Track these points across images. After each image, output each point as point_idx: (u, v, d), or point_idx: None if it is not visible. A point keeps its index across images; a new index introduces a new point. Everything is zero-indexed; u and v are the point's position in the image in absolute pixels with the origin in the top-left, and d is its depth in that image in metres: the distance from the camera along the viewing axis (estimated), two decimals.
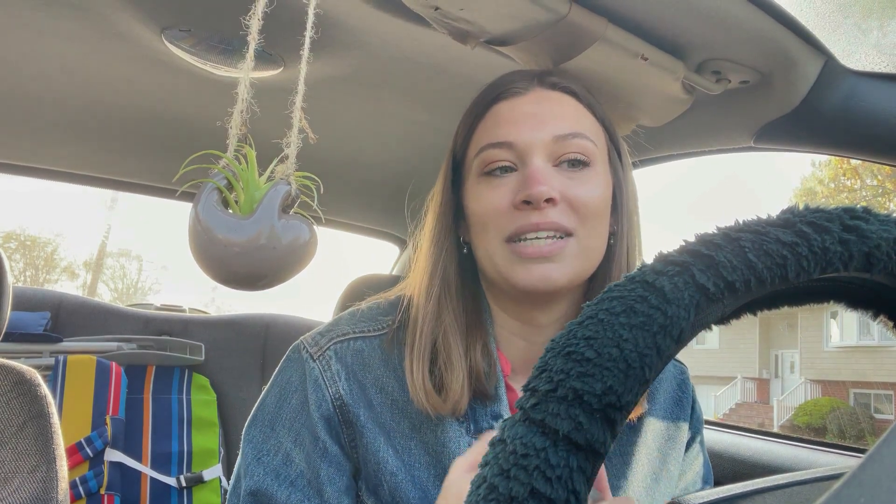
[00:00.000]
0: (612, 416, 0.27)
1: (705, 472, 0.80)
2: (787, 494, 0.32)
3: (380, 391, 0.66)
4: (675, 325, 0.28)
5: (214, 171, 0.63)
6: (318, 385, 0.66)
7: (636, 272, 0.31)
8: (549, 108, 0.67)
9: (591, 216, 0.65)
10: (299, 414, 0.66)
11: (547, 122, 0.66)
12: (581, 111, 0.69)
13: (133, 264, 22.60)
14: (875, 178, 14.52)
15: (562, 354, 0.28)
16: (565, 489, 0.25)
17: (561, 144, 0.65)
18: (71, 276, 19.80)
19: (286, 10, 0.71)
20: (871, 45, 0.83)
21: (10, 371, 0.94)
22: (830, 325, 15.12)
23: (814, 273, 0.30)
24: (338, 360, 0.67)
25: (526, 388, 0.29)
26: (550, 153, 0.65)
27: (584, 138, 0.66)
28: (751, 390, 16.54)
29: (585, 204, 0.65)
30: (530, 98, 0.68)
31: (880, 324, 0.38)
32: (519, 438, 0.27)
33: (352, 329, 0.69)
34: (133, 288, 21.49)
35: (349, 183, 1.59)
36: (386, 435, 0.65)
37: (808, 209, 0.32)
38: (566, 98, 0.69)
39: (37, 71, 1.10)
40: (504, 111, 0.68)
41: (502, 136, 0.66)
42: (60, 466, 0.92)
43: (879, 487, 0.17)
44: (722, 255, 0.30)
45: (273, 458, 0.65)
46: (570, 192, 0.64)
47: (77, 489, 1.38)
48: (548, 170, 0.65)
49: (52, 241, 20.49)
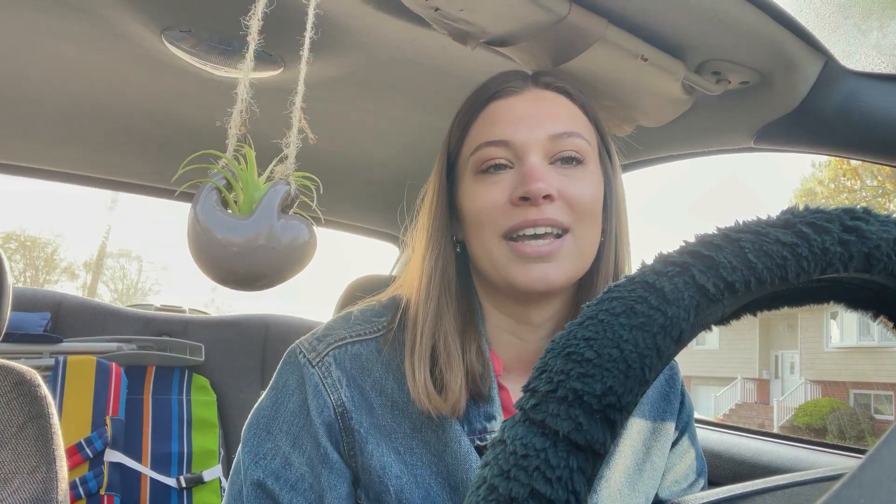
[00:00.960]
0: (612, 416, 0.27)
1: (699, 466, 0.80)
2: (788, 495, 0.32)
3: (380, 394, 0.66)
4: (675, 326, 0.28)
5: (214, 172, 0.63)
6: (319, 391, 0.66)
7: (636, 272, 0.31)
8: (544, 107, 0.68)
9: (586, 213, 0.66)
10: (297, 417, 0.66)
11: (543, 121, 0.67)
12: (575, 111, 0.70)
13: (133, 265, 22.63)
14: (875, 179, 14.52)
15: (562, 355, 0.28)
16: (565, 490, 0.25)
17: (557, 143, 0.66)
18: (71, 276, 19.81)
19: (286, 10, 0.71)
20: (871, 46, 0.83)
21: (10, 372, 0.94)
22: (830, 325, 15.12)
23: (814, 274, 0.30)
24: (338, 367, 0.67)
25: (526, 388, 0.29)
26: (546, 151, 0.67)
27: (578, 137, 0.67)
28: (751, 391, 16.54)
29: (581, 201, 0.66)
30: (526, 97, 0.69)
31: (880, 324, 0.38)
32: (519, 439, 0.27)
33: (348, 333, 0.69)
34: (133, 288, 21.50)
35: (349, 183, 1.59)
36: (388, 438, 0.65)
37: (807, 210, 0.32)
38: (561, 98, 0.70)
39: (37, 72, 1.10)
40: (500, 110, 0.69)
41: (499, 134, 0.67)
42: (60, 467, 0.92)
43: (879, 488, 0.17)
44: (722, 256, 0.29)
45: (271, 461, 0.65)
46: (566, 189, 0.65)
47: (77, 490, 1.38)
48: (544, 167, 0.66)
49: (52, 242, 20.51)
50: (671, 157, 1.15)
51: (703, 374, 17.05)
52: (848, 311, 0.38)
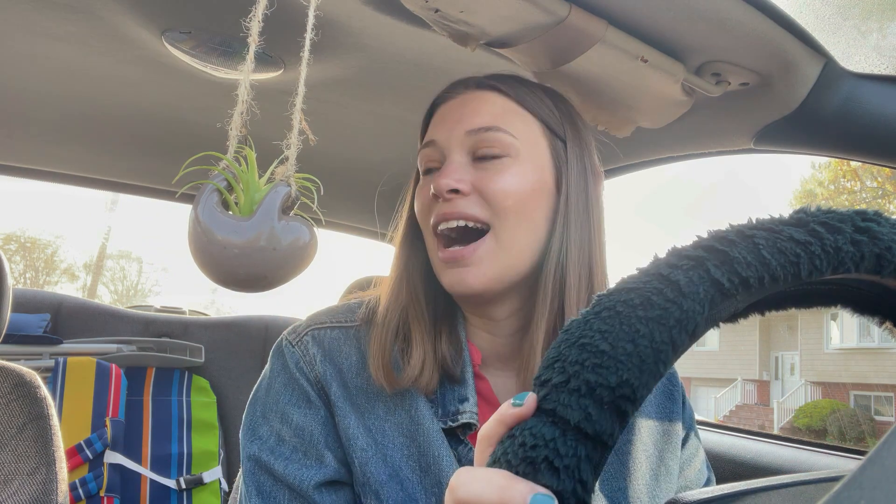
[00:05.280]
0: (623, 407, 0.27)
1: (707, 470, 0.80)
2: (788, 495, 0.32)
3: (355, 375, 0.68)
4: (691, 320, 0.28)
5: (214, 173, 0.63)
6: (301, 367, 0.68)
7: (650, 265, 0.31)
8: (468, 106, 0.70)
9: (508, 208, 0.66)
10: (282, 395, 0.69)
11: (463, 119, 0.69)
12: (504, 106, 0.69)
13: (133, 266, 22.61)
14: (875, 181, 14.52)
15: (576, 346, 0.28)
16: (572, 478, 0.26)
17: (474, 139, 0.67)
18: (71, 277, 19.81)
19: (286, 12, 0.71)
20: (871, 47, 0.83)
21: (9, 373, 0.94)
22: (831, 326, 15.12)
23: (826, 272, 0.30)
24: (314, 344, 0.70)
25: (536, 379, 0.29)
26: (467, 148, 0.68)
27: (499, 131, 0.67)
28: (751, 392, 16.53)
29: (498, 195, 0.66)
30: (457, 100, 0.71)
31: (885, 330, 0.38)
32: (529, 429, 0.27)
33: (328, 319, 0.72)
34: (133, 290, 21.50)
35: (350, 185, 1.59)
36: (359, 415, 0.66)
37: (820, 210, 0.32)
38: (489, 94, 0.70)
39: (38, 73, 1.10)
40: (436, 114, 0.73)
41: (430, 135, 0.72)
42: (60, 468, 0.92)
43: (879, 489, 0.17)
44: (736, 252, 0.29)
45: (266, 440, 0.67)
46: (481, 183, 0.66)
47: (77, 491, 1.38)
48: (461, 163, 0.68)
49: (53, 243, 20.49)
50: (671, 158, 1.15)
51: (704, 375, 17.05)
52: (854, 316, 0.38)
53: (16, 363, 0.97)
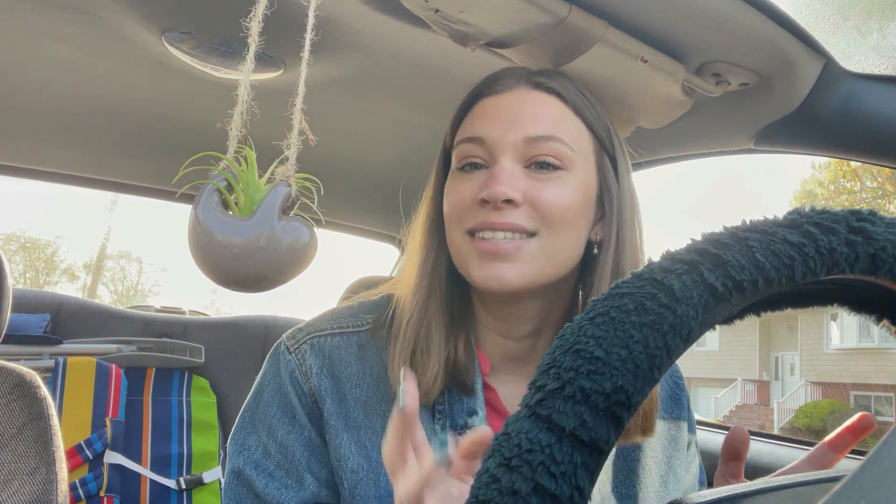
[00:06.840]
0: (619, 413, 0.27)
1: (700, 474, 0.80)
2: (789, 495, 0.32)
3: (354, 387, 0.67)
4: (685, 325, 0.28)
5: (214, 173, 0.63)
6: (295, 378, 0.67)
7: (643, 269, 0.30)
8: (526, 107, 0.66)
9: (556, 220, 0.64)
10: (270, 406, 0.68)
11: (521, 121, 0.65)
12: (562, 113, 0.67)
13: (133, 266, 22.61)
14: (875, 181, 14.52)
15: (570, 352, 0.28)
16: (569, 485, 0.25)
17: (532, 146, 0.64)
18: (71, 277, 19.81)
19: (286, 12, 0.71)
20: (871, 47, 0.83)
21: (9, 373, 0.94)
22: (831, 327, 15.11)
23: (820, 274, 0.30)
24: (312, 354, 0.68)
25: (532, 385, 0.29)
26: (521, 154, 0.65)
27: (557, 142, 0.64)
28: (751, 392, 16.53)
29: (550, 208, 0.63)
30: (511, 96, 0.67)
31: (883, 328, 0.37)
32: (525, 433, 0.27)
33: (329, 325, 0.70)
34: (133, 290, 21.51)
35: (349, 185, 1.59)
36: (354, 432, 0.65)
37: (814, 210, 0.32)
38: (548, 98, 0.67)
39: (38, 73, 1.10)
40: (484, 107, 0.68)
41: (476, 130, 0.67)
42: (60, 468, 0.91)
43: (879, 489, 0.17)
44: (730, 255, 0.29)
45: (253, 452, 0.67)
46: (535, 194, 0.63)
47: (77, 491, 1.37)
48: (514, 171, 0.64)
49: (53, 243, 20.49)
50: (671, 158, 1.15)
51: (704, 375, 17.04)
52: (851, 315, 0.38)
53: (16, 363, 0.97)
